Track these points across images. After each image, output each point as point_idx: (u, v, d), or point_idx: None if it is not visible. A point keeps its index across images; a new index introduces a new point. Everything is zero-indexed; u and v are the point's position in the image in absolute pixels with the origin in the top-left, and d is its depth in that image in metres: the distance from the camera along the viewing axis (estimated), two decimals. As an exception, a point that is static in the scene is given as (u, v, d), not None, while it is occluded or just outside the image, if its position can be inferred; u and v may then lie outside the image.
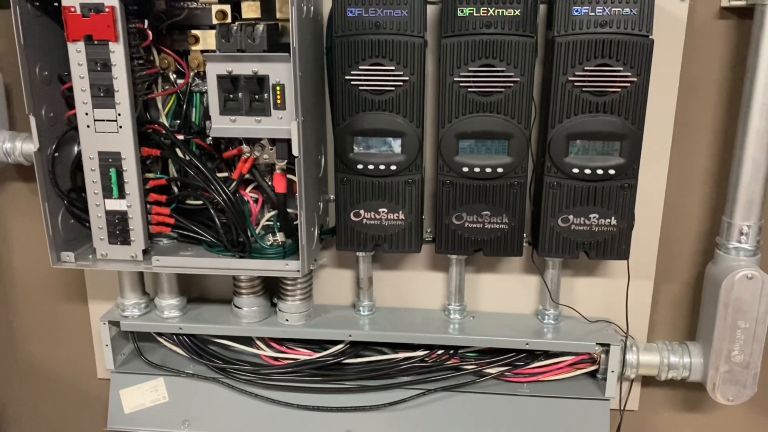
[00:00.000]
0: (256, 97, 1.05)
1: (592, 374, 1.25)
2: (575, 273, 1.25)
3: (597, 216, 1.10)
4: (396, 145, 1.10)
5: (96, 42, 1.02)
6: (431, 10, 1.11)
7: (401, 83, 1.07)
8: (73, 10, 1.01)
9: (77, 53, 1.03)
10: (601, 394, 1.22)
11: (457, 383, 1.24)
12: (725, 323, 1.14)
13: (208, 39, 1.11)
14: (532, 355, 1.23)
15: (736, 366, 1.16)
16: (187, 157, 1.14)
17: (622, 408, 1.27)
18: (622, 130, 1.05)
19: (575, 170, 1.08)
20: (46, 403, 1.52)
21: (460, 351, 1.25)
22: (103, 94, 1.05)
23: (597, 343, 1.20)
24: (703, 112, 1.17)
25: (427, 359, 1.24)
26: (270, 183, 1.16)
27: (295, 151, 1.01)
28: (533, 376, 1.24)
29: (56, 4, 1.04)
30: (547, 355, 1.24)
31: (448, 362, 1.24)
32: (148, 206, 1.14)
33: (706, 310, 1.19)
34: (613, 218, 1.10)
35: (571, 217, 1.11)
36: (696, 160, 1.20)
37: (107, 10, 1.00)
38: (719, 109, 1.17)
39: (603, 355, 1.21)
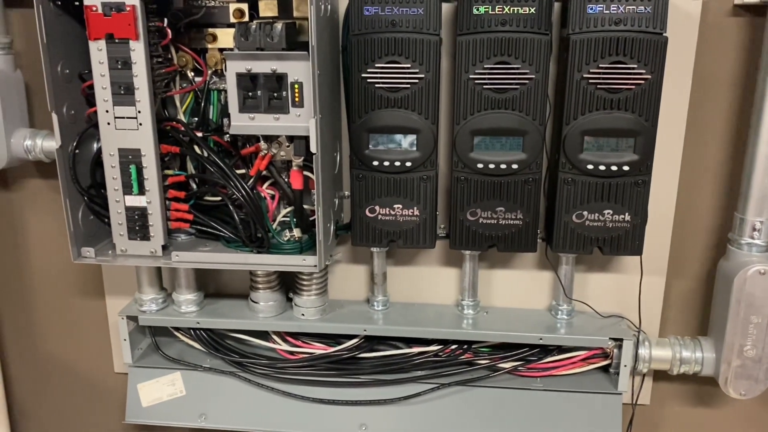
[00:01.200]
0: (275, 94, 1.06)
1: (605, 369, 1.26)
2: (588, 268, 1.26)
3: (611, 212, 1.11)
4: (411, 141, 1.12)
5: (117, 40, 1.04)
6: (446, 7, 1.12)
7: (417, 81, 1.08)
8: (94, 9, 1.02)
9: (98, 51, 1.05)
10: (613, 388, 1.23)
11: (471, 378, 1.25)
12: (737, 318, 1.15)
13: (225, 37, 1.13)
14: (546, 349, 1.25)
15: (749, 361, 1.17)
16: (206, 154, 1.15)
17: (634, 402, 1.28)
18: (635, 126, 1.06)
19: (589, 166, 1.09)
20: (64, 397, 1.54)
21: (473, 346, 1.26)
22: (124, 92, 1.06)
23: (610, 338, 1.21)
24: (715, 108, 1.18)
25: (440, 354, 1.25)
26: (287, 179, 1.17)
27: (313, 148, 1.03)
28: (546, 371, 1.25)
29: (77, 3, 1.06)
30: (560, 349, 1.25)
31: (462, 357, 1.25)
32: (167, 202, 1.15)
33: (718, 306, 1.20)
34: (626, 214, 1.11)
35: (585, 213, 1.12)
36: (708, 156, 1.21)
37: (128, 8, 1.02)
38: (732, 106, 1.18)
39: (615, 350, 1.22)
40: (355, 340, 1.26)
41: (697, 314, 1.30)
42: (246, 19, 1.09)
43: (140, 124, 1.08)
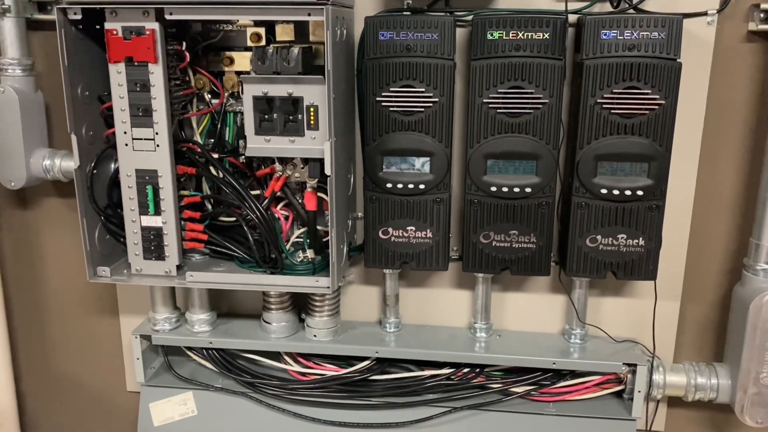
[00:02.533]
0: (290, 117, 1.07)
1: (619, 394, 1.25)
2: (602, 293, 1.26)
3: (625, 236, 1.11)
4: (425, 164, 1.12)
5: (136, 63, 1.05)
6: (460, 32, 1.13)
7: (431, 104, 1.09)
8: (115, 32, 1.04)
9: (118, 74, 1.06)
10: (627, 414, 1.22)
11: (483, 402, 1.24)
12: (753, 345, 1.14)
13: (242, 60, 1.15)
14: (559, 374, 1.24)
15: (765, 388, 1.15)
16: (222, 175, 1.16)
17: (648, 428, 1.27)
18: (649, 151, 1.06)
19: (603, 191, 1.09)
20: (76, 414, 1.55)
21: (486, 369, 1.25)
22: (142, 114, 1.08)
23: (624, 363, 1.20)
24: (730, 133, 1.18)
25: (452, 377, 1.25)
26: (300, 201, 1.18)
27: (327, 171, 1.04)
28: (559, 396, 1.24)
29: (98, 26, 1.08)
30: (574, 374, 1.24)
31: (474, 380, 1.25)
32: (183, 223, 1.16)
33: (733, 332, 1.19)
34: (640, 239, 1.11)
35: (599, 237, 1.12)
36: (723, 181, 1.21)
37: (148, 32, 1.04)
38: (746, 131, 1.18)
39: (629, 375, 1.21)
40: (366, 362, 1.26)
41: (712, 340, 1.29)
42: (263, 43, 1.11)
43: (157, 146, 1.09)
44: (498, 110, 1.08)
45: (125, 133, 1.09)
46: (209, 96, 1.19)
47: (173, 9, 1.01)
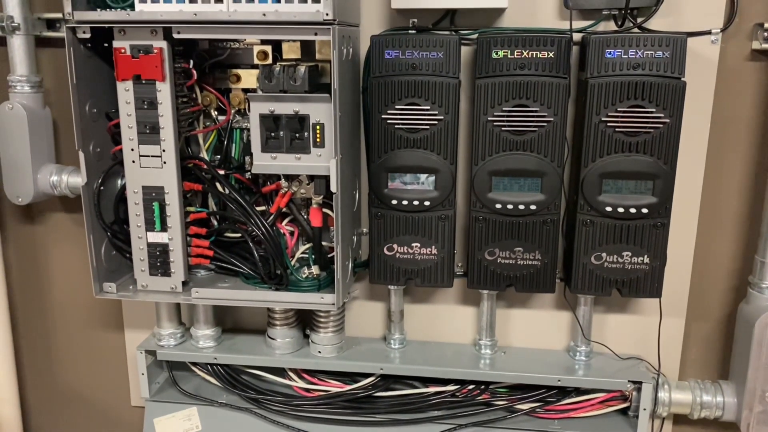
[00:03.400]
0: (297, 135, 1.08)
1: (624, 411, 1.25)
2: (607, 309, 1.25)
3: (630, 254, 1.11)
4: (430, 181, 1.13)
5: (144, 81, 1.06)
6: (465, 51, 1.14)
7: (436, 122, 1.09)
8: (123, 51, 1.05)
9: (126, 92, 1.07)
10: (632, 431, 1.21)
11: (488, 419, 1.24)
12: (759, 362, 1.13)
13: (248, 78, 1.16)
14: (564, 391, 1.23)
15: (771, 407, 1.15)
16: (228, 191, 1.17)
17: (654, 446, 1.26)
18: (654, 169, 1.07)
19: (608, 208, 1.09)
20: (80, 428, 1.54)
21: (490, 386, 1.25)
22: (149, 131, 1.09)
23: (629, 381, 1.20)
24: (734, 151, 1.18)
25: (457, 394, 1.25)
26: (306, 217, 1.18)
27: (333, 188, 1.04)
28: (564, 413, 1.24)
29: (106, 45, 1.09)
30: (579, 391, 1.24)
31: (479, 397, 1.24)
32: (188, 239, 1.17)
33: (739, 349, 1.19)
34: (645, 256, 1.11)
35: (604, 254, 1.12)
36: (728, 199, 1.21)
37: (156, 51, 1.04)
38: (750, 149, 1.18)
39: (635, 393, 1.21)
40: (371, 379, 1.26)
41: (717, 357, 1.28)
42: (269, 60, 1.12)
43: (164, 163, 1.10)
44: (503, 128, 1.08)
45: (132, 150, 1.10)
46: (216, 113, 1.19)
47: (181, 28, 1.02)
